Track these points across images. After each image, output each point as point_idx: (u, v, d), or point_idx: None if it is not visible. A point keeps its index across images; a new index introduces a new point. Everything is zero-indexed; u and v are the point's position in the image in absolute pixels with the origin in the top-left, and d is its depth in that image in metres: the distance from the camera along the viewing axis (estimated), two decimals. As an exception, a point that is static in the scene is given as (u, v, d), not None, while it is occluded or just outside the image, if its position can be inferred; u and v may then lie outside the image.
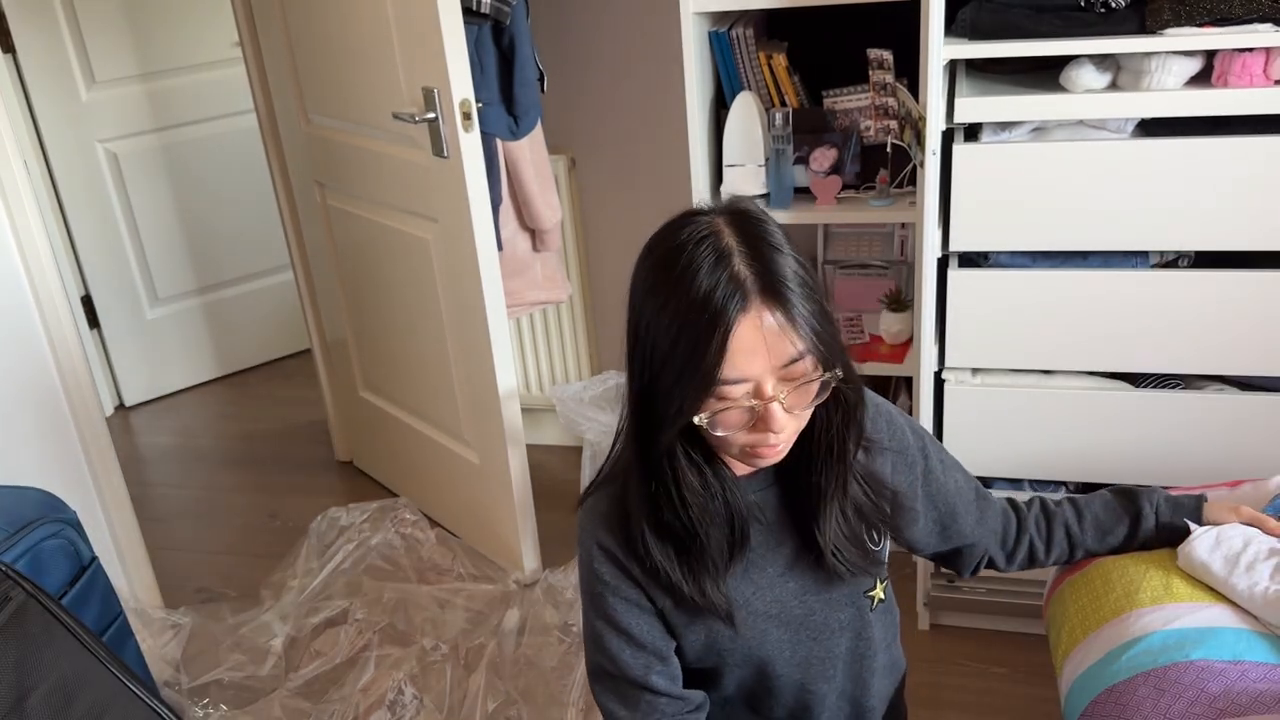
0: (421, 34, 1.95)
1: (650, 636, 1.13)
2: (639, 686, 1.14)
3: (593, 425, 2.12)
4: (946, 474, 1.27)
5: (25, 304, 1.99)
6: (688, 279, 0.97)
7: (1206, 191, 1.75)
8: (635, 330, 1.04)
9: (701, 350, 0.96)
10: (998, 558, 1.36)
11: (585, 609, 1.17)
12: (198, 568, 2.59)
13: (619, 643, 1.13)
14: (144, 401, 3.47)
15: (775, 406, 0.98)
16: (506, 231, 2.31)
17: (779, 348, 0.97)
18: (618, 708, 1.16)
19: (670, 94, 2.41)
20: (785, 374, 0.99)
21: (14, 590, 1.32)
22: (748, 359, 0.97)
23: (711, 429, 1.00)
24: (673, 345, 0.98)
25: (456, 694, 2.06)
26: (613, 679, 1.16)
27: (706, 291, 0.96)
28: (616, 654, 1.14)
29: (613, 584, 1.12)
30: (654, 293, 1.00)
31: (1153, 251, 1.86)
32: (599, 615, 1.14)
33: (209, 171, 3.40)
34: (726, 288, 0.96)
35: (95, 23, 3.10)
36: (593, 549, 1.13)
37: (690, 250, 0.98)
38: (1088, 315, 1.87)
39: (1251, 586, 1.29)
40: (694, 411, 0.99)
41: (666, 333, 0.98)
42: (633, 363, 1.05)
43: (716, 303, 0.96)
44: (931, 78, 1.76)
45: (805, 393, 1.01)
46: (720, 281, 0.96)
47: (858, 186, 2.14)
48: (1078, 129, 1.81)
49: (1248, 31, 1.62)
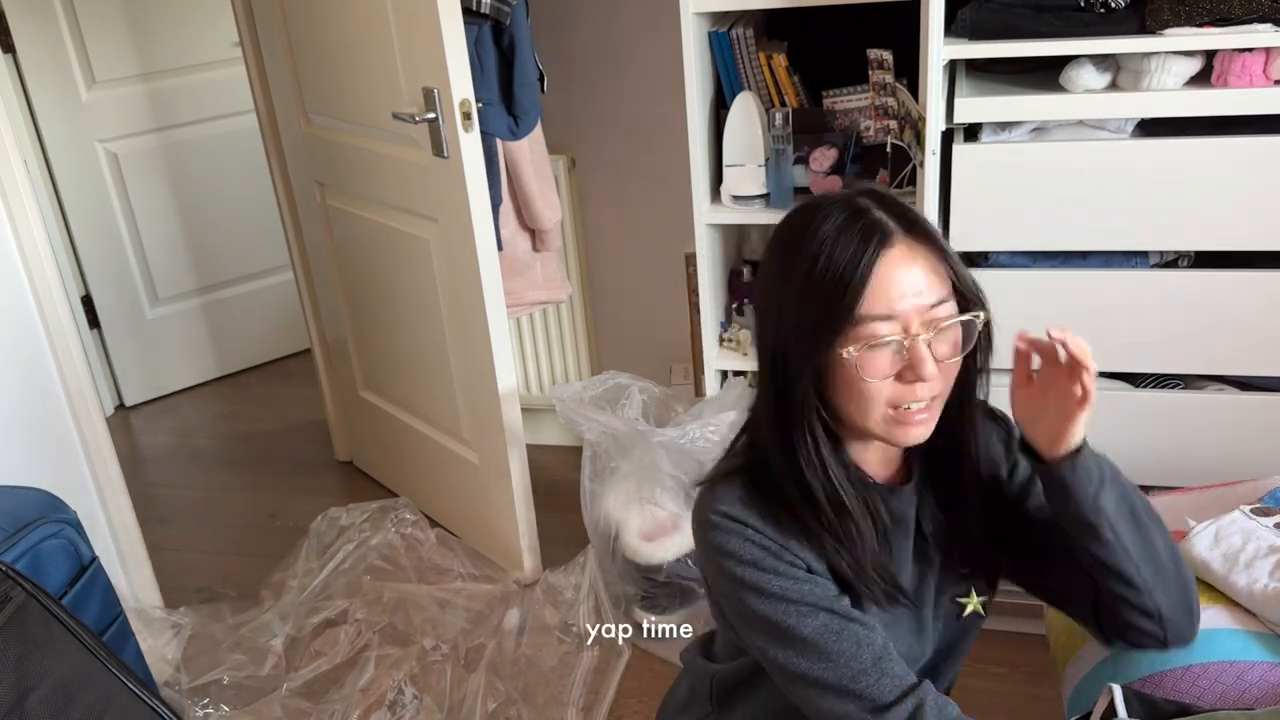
0: (421, 34, 1.95)
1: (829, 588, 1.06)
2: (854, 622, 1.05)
3: (593, 425, 2.12)
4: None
5: (25, 304, 1.99)
6: (826, 226, 0.98)
7: (1206, 191, 1.75)
8: (768, 288, 1.03)
9: (845, 281, 0.95)
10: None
11: (744, 604, 1.06)
12: (198, 568, 2.58)
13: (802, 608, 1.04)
14: (144, 401, 3.47)
15: (923, 347, 0.97)
16: (506, 231, 2.31)
17: (924, 285, 0.97)
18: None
19: (670, 94, 2.41)
20: (931, 316, 0.98)
21: (14, 590, 1.32)
22: (893, 295, 0.96)
23: (859, 371, 0.97)
24: (815, 285, 0.97)
25: (456, 694, 2.06)
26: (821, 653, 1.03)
27: (846, 231, 0.97)
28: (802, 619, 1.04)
29: (773, 564, 1.04)
30: (789, 248, 1.00)
31: (1153, 251, 1.86)
32: (768, 596, 1.04)
33: (209, 171, 3.40)
34: (867, 228, 0.97)
35: (95, 23, 3.10)
36: (742, 536, 1.05)
37: (824, 209, 1.00)
38: (1087, 315, 1.87)
39: (1251, 584, 1.29)
40: (836, 343, 0.97)
41: (806, 276, 0.98)
42: (766, 320, 1.03)
43: (857, 238, 0.96)
44: (931, 78, 1.76)
45: (951, 338, 1.00)
46: (860, 225, 0.97)
47: (858, 186, 2.14)
48: (1078, 129, 1.81)
49: (1248, 31, 1.62)
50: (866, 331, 0.97)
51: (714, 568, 1.08)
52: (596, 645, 2.16)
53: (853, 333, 0.97)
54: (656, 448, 2.07)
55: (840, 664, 1.02)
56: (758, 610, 1.05)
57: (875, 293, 0.96)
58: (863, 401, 1.00)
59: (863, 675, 1.01)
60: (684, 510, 2.12)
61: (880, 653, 1.03)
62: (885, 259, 0.96)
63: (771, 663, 1.06)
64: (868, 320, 0.96)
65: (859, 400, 1.01)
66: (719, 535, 1.06)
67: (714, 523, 1.06)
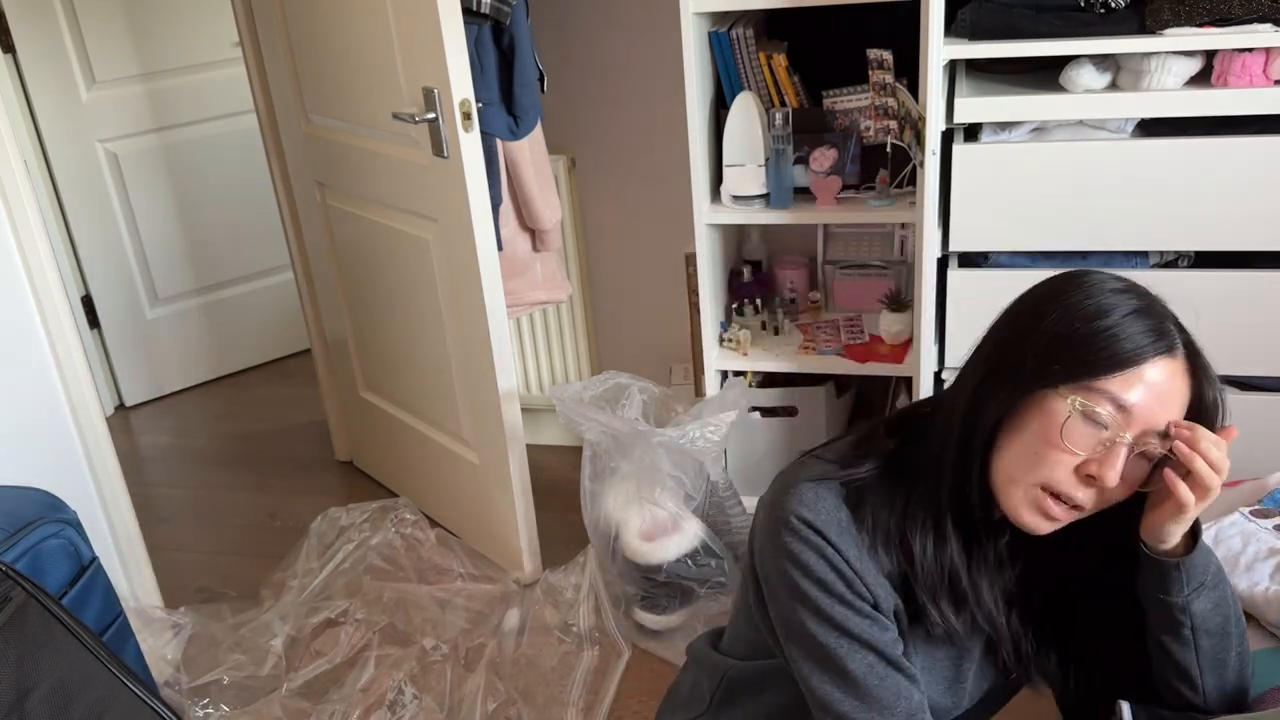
0: (421, 34, 1.95)
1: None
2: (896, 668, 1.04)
3: (593, 425, 2.12)
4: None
5: (25, 304, 1.99)
6: (1125, 303, 0.96)
7: (1206, 191, 1.75)
8: (1029, 310, 1.00)
9: (1117, 350, 0.93)
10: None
11: (798, 618, 1.04)
12: (198, 568, 2.58)
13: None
14: (144, 401, 3.47)
15: (1123, 453, 0.94)
16: (506, 231, 2.31)
17: (1171, 409, 0.94)
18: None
19: (670, 94, 2.41)
20: (1148, 443, 0.95)
21: (14, 590, 1.32)
22: (1143, 393, 0.93)
23: (1062, 431, 0.94)
24: (1088, 333, 0.94)
25: (456, 694, 2.06)
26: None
27: (1143, 317, 0.95)
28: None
29: (841, 590, 1.02)
30: (1075, 293, 0.97)
31: (1153, 251, 1.86)
32: (825, 621, 1.02)
33: (209, 171, 3.40)
34: (1164, 330, 0.95)
35: (95, 23, 3.09)
36: (818, 552, 1.02)
37: (1124, 289, 0.98)
38: (1088, 315, 1.87)
39: (1252, 586, 1.29)
40: (1067, 387, 0.93)
41: (1087, 322, 0.95)
42: (1007, 337, 1.00)
43: (1151, 328, 0.94)
44: (931, 78, 1.76)
45: (1143, 469, 0.97)
46: (1164, 324, 0.95)
47: (858, 186, 2.15)
48: (1078, 129, 1.81)
49: (1248, 31, 1.62)
50: (1101, 402, 0.93)
51: (776, 569, 1.05)
52: (596, 645, 2.16)
53: (1090, 394, 0.94)
54: (656, 448, 2.07)
55: (875, 708, 1.01)
56: (809, 629, 1.03)
57: (1133, 381, 0.93)
58: (1032, 462, 0.96)
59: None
60: (684, 510, 2.12)
61: (915, 709, 1.02)
62: (1162, 364, 0.94)
63: (805, 682, 1.05)
64: (1105, 395, 0.93)
65: (1029, 459, 0.97)
66: (793, 541, 1.02)
67: (793, 526, 1.02)
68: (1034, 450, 0.96)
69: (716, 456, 2.14)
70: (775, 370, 2.28)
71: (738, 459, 2.41)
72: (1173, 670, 1.06)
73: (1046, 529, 0.99)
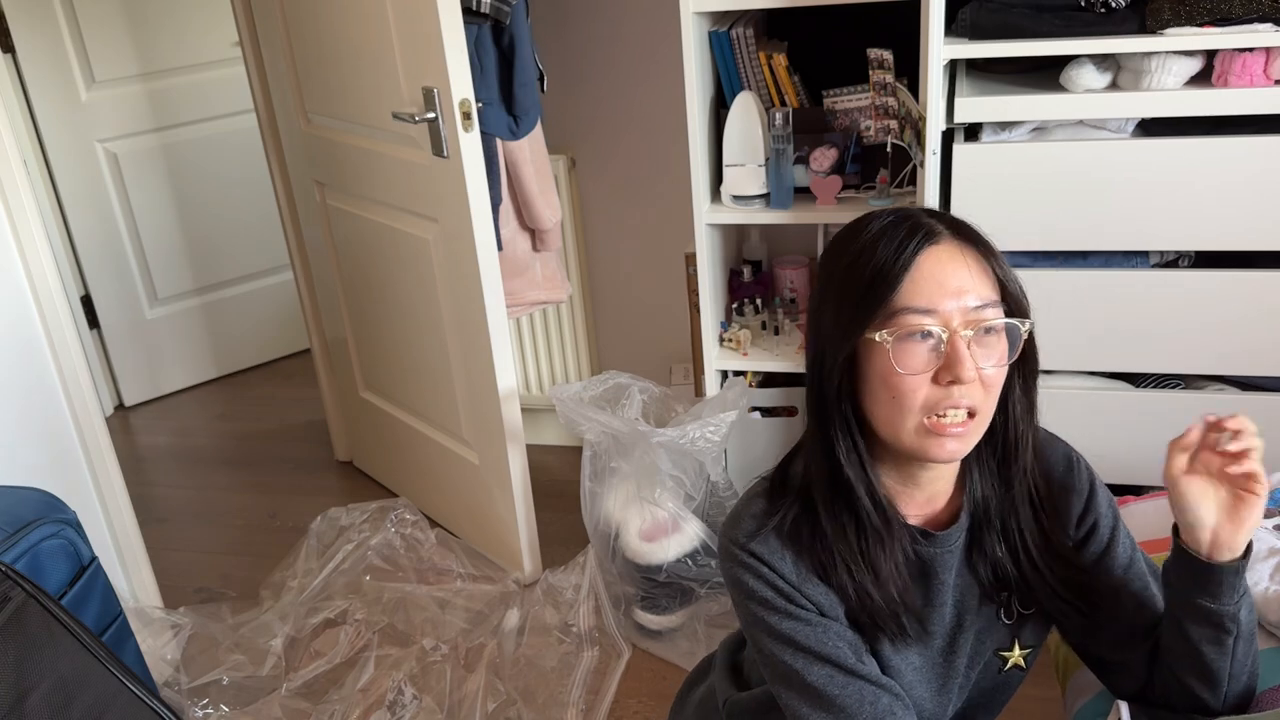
0: (421, 34, 1.95)
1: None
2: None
3: (593, 425, 2.12)
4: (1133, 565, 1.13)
5: (25, 304, 1.99)
6: (873, 225, 0.99)
7: (1206, 191, 1.75)
8: (815, 291, 1.03)
9: (884, 270, 0.95)
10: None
11: (757, 639, 1.06)
12: (198, 568, 2.58)
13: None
14: (144, 402, 3.47)
15: (962, 345, 0.93)
16: (506, 231, 2.31)
17: (968, 285, 0.95)
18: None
19: (670, 94, 2.41)
20: (974, 317, 0.95)
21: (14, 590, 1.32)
22: (934, 289, 0.94)
23: (894, 360, 0.94)
24: (855, 275, 0.97)
25: (456, 694, 2.06)
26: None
27: (892, 229, 0.97)
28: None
29: (784, 605, 1.03)
30: (837, 249, 1.01)
31: (1153, 251, 1.86)
32: (776, 637, 1.03)
33: (209, 171, 3.40)
34: (913, 226, 0.97)
35: (95, 23, 3.10)
36: (755, 574, 1.03)
37: (875, 215, 1.01)
38: (1088, 315, 1.87)
39: (1252, 586, 1.29)
40: (870, 327, 0.95)
41: (848, 269, 0.98)
42: (810, 323, 1.03)
43: (902, 233, 0.96)
44: (931, 78, 1.76)
45: (996, 349, 0.97)
46: (907, 223, 0.97)
47: (858, 186, 2.15)
48: (1078, 129, 1.81)
49: (1248, 31, 1.62)
50: (903, 321, 0.94)
51: (732, 598, 1.08)
52: (596, 645, 2.16)
53: (889, 322, 0.95)
54: (656, 448, 2.07)
55: (841, 717, 1.01)
56: (769, 649, 1.05)
57: (915, 284, 0.94)
58: (897, 402, 0.96)
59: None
60: (684, 510, 2.12)
61: (882, 713, 1.01)
62: (928, 254, 0.95)
63: (779, 700, 1.06)
64: (906, 311, 0.94)
65: (892, 402, 0.97)
66: (735, 568, 1.05)
67: (732, 554, 1.05)
68: (889, 393, 0.97)
69: (716, 456, 2.14)
70: (775, 370, 2.28)
71: (738, 459, 2.41)
72: (1196, 674, 1.05)
73: (960, 448, 0.98)
